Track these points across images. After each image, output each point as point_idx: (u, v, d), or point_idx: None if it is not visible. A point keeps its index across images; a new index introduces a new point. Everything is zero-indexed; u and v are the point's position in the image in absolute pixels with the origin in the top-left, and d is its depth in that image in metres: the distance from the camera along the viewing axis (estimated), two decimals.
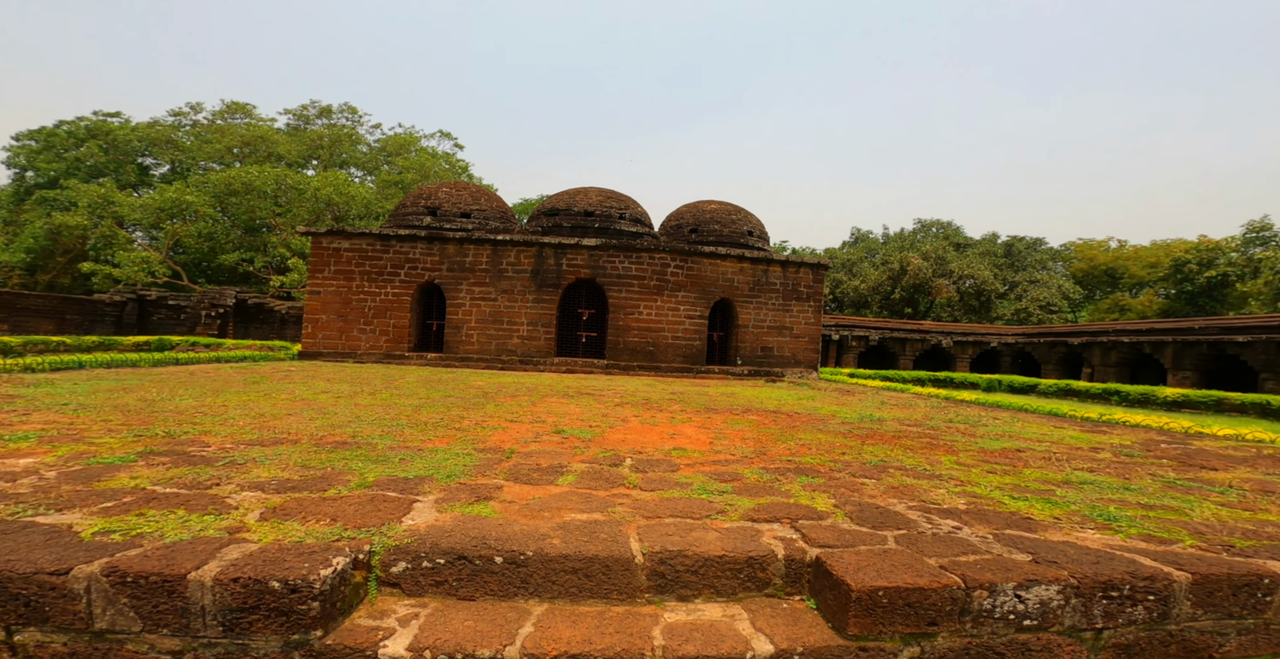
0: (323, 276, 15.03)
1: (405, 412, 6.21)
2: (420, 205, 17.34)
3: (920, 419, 7.74)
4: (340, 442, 4.39)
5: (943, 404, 10.29)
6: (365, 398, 7.25)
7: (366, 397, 7.42)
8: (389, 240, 15.34)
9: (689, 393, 10.39)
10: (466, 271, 15.58)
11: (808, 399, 10.04)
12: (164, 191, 30.44)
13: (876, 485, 3.78)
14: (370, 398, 7.27)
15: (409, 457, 3.96)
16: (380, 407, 6.51)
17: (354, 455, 3.92)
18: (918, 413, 8.49)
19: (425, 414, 6.14)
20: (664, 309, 16.03)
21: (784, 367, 16.75)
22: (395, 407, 6.57)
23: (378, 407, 6.50)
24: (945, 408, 9.54)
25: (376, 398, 7.31)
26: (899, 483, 3.85)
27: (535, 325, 15.68)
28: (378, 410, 6.16)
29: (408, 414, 6.04)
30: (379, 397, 7.46)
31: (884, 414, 8.12)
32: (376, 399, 7.18)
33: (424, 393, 8.22)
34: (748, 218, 19.19)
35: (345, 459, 3.80)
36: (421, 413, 6.22)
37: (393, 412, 6.14)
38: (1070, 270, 41.24)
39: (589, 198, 18.03)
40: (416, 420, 5.66)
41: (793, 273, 16.76)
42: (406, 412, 6.22)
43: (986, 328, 31.38)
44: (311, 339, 15.03)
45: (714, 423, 6.75)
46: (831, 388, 13.38)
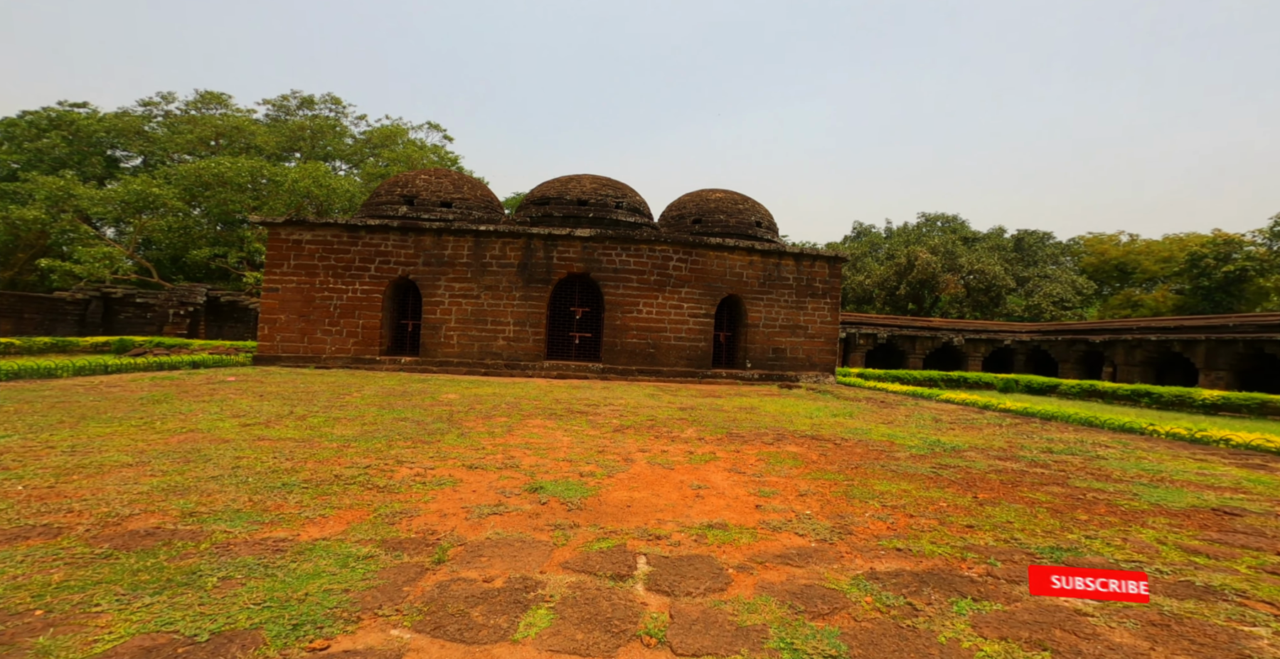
0: (281, 272, 13.30)
1: (322, 452, 4.54)
2: (395, 194, 15.62)
3: (1005, 447, 6.13)
4: (144, 530, 2.72)
5: (1011, 421, 8.61)
6: (284, 427, 5.58)
7: (289, 424, 5.75)
8: (357, 231, 13.63)
9: (700, 408, 8.76)
10: (445, 266, 13.88)
11: (844, 415, 8.43)
12: (128, 184, 28.55)
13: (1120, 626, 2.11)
14: (292, 426, 5.59)
15: (246, 569, 2.32)
16: (293, 443, 4.84)
17: (126, 571, 2.26)
18: (996, 438, 6.85)
19: (348, 456, 4.48)
20: (665, 307, 14.40)
21: (797, 370, 15.16)
22: (314, 443, 4.89)
23: (288, 443, 4.82)
24: (1019, 427, 7.88)
25: (300, 426, 5.63)
26: (1157, 615, 2.19)
27: (523, 325, 14.02)
28: (280, 452, 4.47)
29: (321, 458, 4.37)
30: (305, 423, 5.79)
31: (953, 439, 6.52)
32: (299, 429, 5.50)
33: (372, 416, 6.56)
34: (755, 207, 17.56)
35: (96, 584, 2.14)
36: (345, 454, 4.56)
37: (301, 454, 4.46)
38: (1080, 265, 39.84)
39: (582, 185, 16.36)
40: (324, 472, 3.98)
41: (807, 266, 15.15)
42: (325, 452, 4.55)
43: (999, 325, 29.91)
44: (268, 342, 13.31)
45: (747, 461, 5.13)
46: (859, 396, 11.79)
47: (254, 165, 30.38)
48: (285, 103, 39.83)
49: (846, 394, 12.00)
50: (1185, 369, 24.28)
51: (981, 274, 33.35)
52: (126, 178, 29.82)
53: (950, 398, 12.41)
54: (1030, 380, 24.27)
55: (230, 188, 30.65)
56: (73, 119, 33.31)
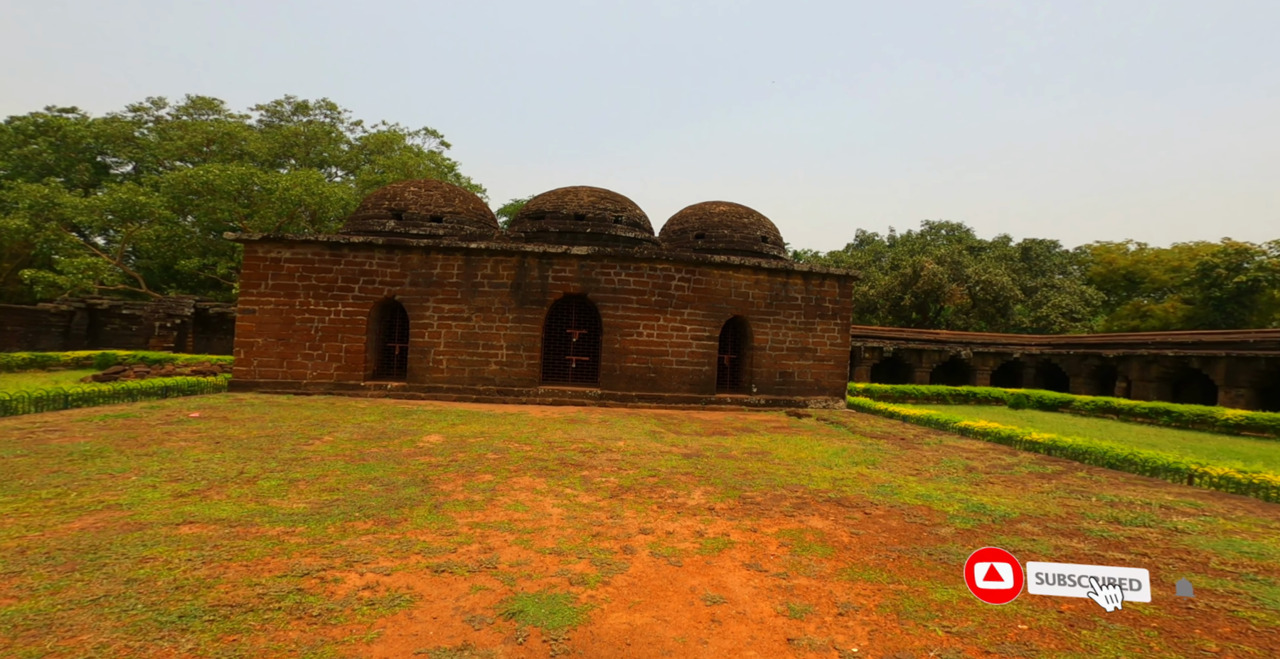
0: (258, 292, 12.51)
1: (255, 546, 3.66)
2: (383, 207, 14.86)
3: (1063, 515, 5.26)
4: None
5: (1053, 470, 7.62)
6: (225, 497, 4.71)
7: (233, 492, 4.93)
8: (340, 249, 12.85)
9: (706, 454, 7.97)
10: (434, 286, 13.11)
11: (865, 463, 7.64)
12: (114, 192, 27.79)
13: None
14: (234, 497, 4.72)
15: None
16: (224, 529, 3.99)
17: None
18: (1047, 500, 5.93)
19: (287, 552, 3.64)
20: (667, 329, 13.63)
21: (806, 394, 14.38)
22: (250, 527, 4.05)
23: (217, 530, 3.97)
24: (1064, 480, 6.92)
25: (244, 497, 4.76)
26: None
27: (516, 349, 13.24)
28: (202, 546, 3.60)
29: (251, 558, 3.51)
30: (253, 490, 4.95)
31: (997, 502, 5.70)
32: (240, 502, 4.63)
33: (337, 474, 5.76)
34: (761, 221, 16.83)
35: None
36: (284, 549, 3.72)
37: (228, 549, 3.59)
38: (1088, 274, 39.11)
39: (580, 199, 15.62)
40: (246, 586, 3.11)
41: (816, 285, 14.39)
42: (259, 546, 3.67)
43: (1008, 337, 29.17)
44: (244, 367, 12.52)
45: (767, 549, 4.35)
46: (875, 428, 10.98)
47: (244, 172, 29.62)
48: (279, 108, 39.14)
49: (862, 427, 11.21)
50: (1203, 385, 23.54)
51: (988, 284, 32.61)
52: (113, 186, 29.09)
53: (970, 427, 11.64)
54: (1042, 396, 23.53)
55: (219, 196, 29.90)
56: (59, 125, 32.56)
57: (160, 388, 12.22)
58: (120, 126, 34.50)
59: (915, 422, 13.10)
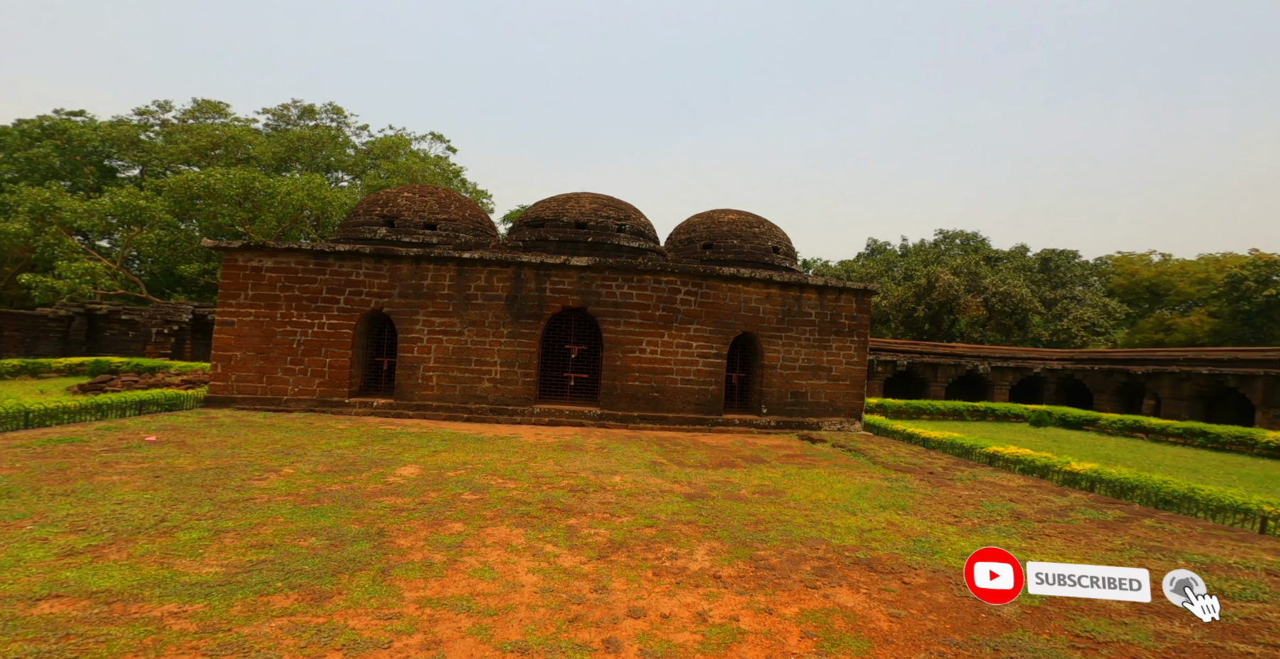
0: (237, 303, 11.80)
1: (120, 648, 2.88)
2: (374, 213, 14.17)
3: (1154, 585, 4.26)
4: None
5: (1116, 515, 6.47)
6: (123, 557, 3.86)
7: (138, 549, 4.12)
8: (325, 258, 12.13)
9: (713, 495, 7.09)
10: (424, 298, 12.36)
11: (894, 507, 6.73)
12: (114, 195, 27.41)
13: None
14: (134, 558, 3.85)
15: None
16: (86, 613, 3.13)
17: None
18: (1126, 564, 4.93)
19: None
20: (672, 346, 12.79)
21: (819, 415, 13.47)
22: (124, 611, 3.17)
23: (79, 615, 3.10)
24: (1130, 528, 5.89)
25: (144, 559, 3.87)
26: None
27: (511, 366, 12.44)
28: (39, 648, 2.83)
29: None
30: (162, 547, 4.11)
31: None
32: (134, 565, 3.75)
33: (278, 524, 4.95)
34: (772, 231, 16.00)
35: None
36: (141, 654, 2.93)
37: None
38: (1108, 286, 37.88)
39: (581, 206, 14.86)
40: None
41: (831, 300, 13.50)
42: (124, 647, 2.89)
43: (1028, 351, 28.07)
44: (221, 382, 11.79)
45: (786, 643, 3.48)
46: (899, 458, 10.04)
47: (245, 176, 29.17)
48: (286, 112, 38.85)
49: (883, 456, 10.28)
50: (1237, 403, 22.36)
51: (1006, 296, 31.52)
52: (112, 189, 28.71)
53: (1000, 453, 10.71)
54: (1065, 413, 22.45)
55: (221, 200, 29.48)
56: (65, 128, 32.33)
57: (135, 402, 11.52)
58: (126, 130, 34.27)
59: (939, 448, 12.17)
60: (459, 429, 11.18)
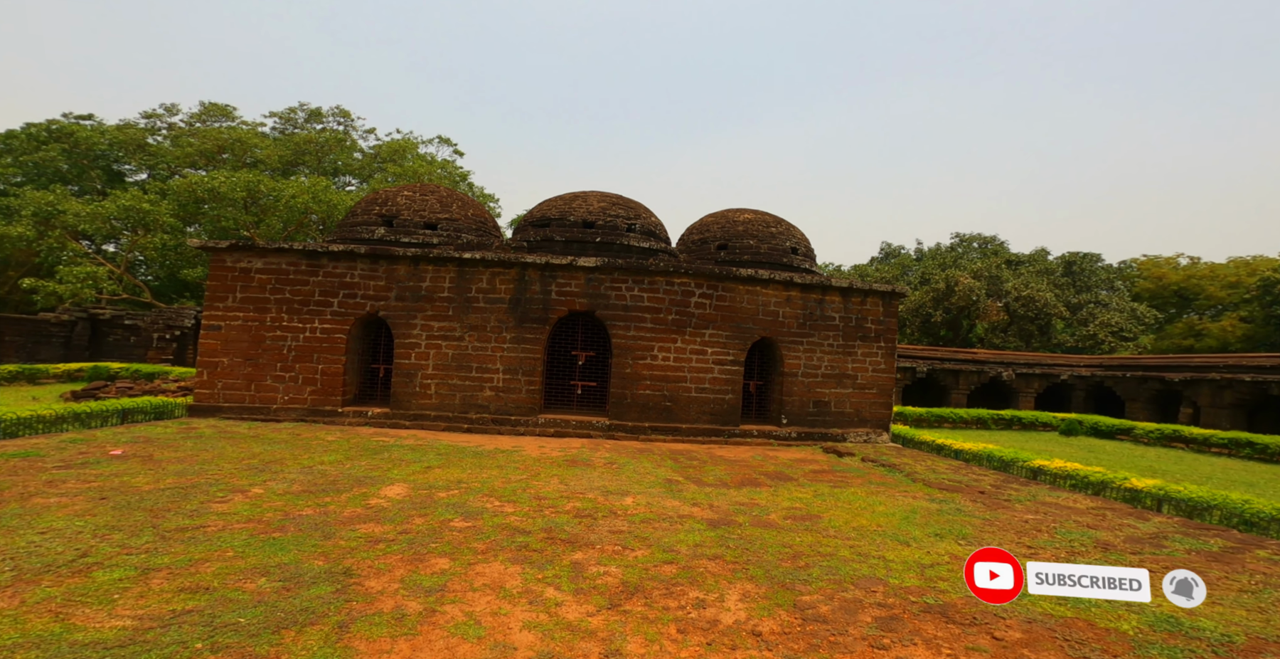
0: (225, 306, 11.14)
1: None
2: (372, 213, 13.50)
3: None
4: None
5: (1221, 545, 5.11)
6: (12, 604, 3.00)
7: (37, 595, 3.32)
8: (318, 258, 11.44)
9: (739, 520, 6.24)
10: (422, 301, 11.64)
11: (952, 535, 5.84)
12: (116, 199, 27.05)
13: None
14: (22, 610, 3.06)
15: None
16: None
17: None
18: (1275, 612, 3.98)
19: None
20: (685, 352, 11.98)
21: (844, 426, 12.59)
22: None
23: None
24: (1246, 561, 4.79)
25: (37, 610, 3.10)
26: None
27: (514, 373, 11.68)
28: None
29: None
30: (69, 591, 3.27)
31: (1203, 617, 3.91)
32: (19, 621, 2.97)
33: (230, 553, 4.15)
34: (790, 231, 15.17)
35: None
36: None
37: None
38: (1135, 290, 36.62)
39: (589, 205, 14.12)
40: None
41: (857, 303, 12.64)
42: None
43: (1054, 358, 26.96)
44: (207, 390, 11.11)
45: None
46: (939, 475, 9.11)
47: (250, 179, 28.75)
48: (292, 115, 38.55)
49: (920, 472, 9.38)
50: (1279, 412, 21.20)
51: (1029, 301, 30.40)
52: (116, 192, 28.38)
53: (1046, 468, 9.81)
54: (1097, 422, 21.39)
55: (225, 203, 29.08)
56: (72, 131, 32.13)
57: (118, 411, 10.88)
58: (133, 133, 34.05)
59: (975, 461, 11.27)
60: (458, 441, 10.42)
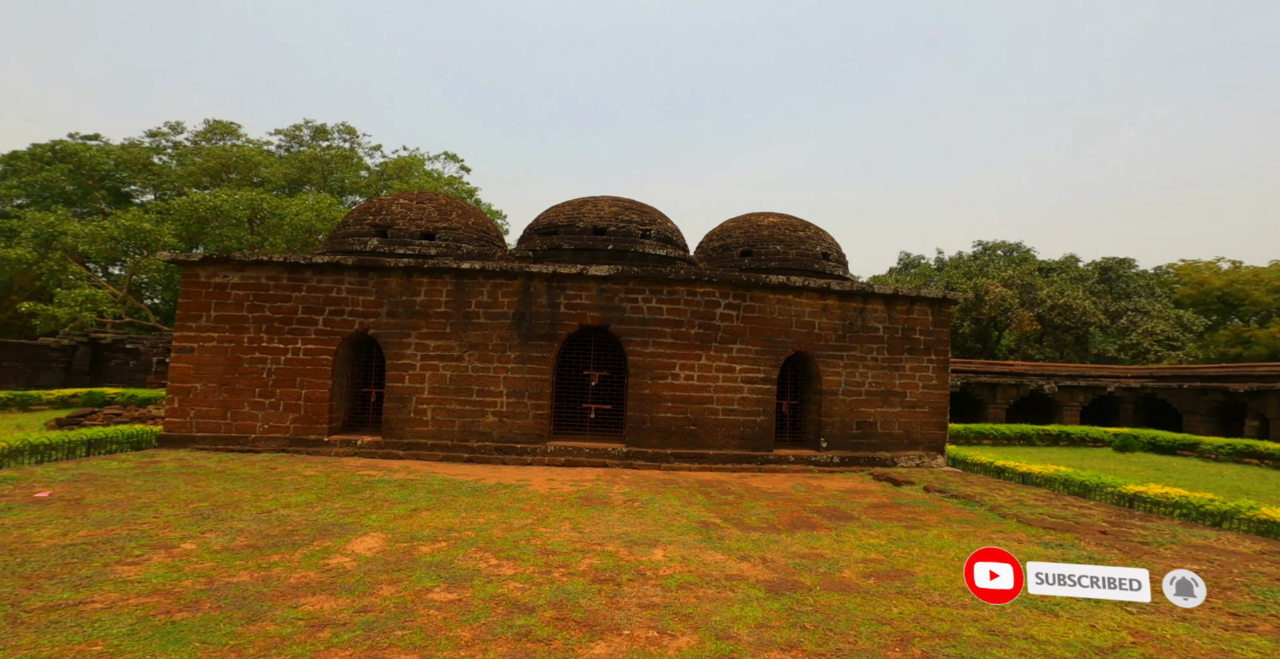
0: (198, 326, 10.03)
1: None
2: (365, 223, 12.45)
3: None
4: None
5: None
6: None
7: None
8: (300, 271, 10.33)
9: (804, 580, 4.83)
10: (416, 317, 10.46)
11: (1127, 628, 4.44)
12: (117, 219, 26.46)
13: None
14: None
15: None
16: None
17: None
18: None
19: None
20: (711, 369, 10.67)
21: (892, 449, 11.15)
22: None
23: None
24: None
25: None
26: None
27: (520, 396, 10.42)
28: None
29: None
30: None
31: None
32: None
33: (103, 647, 2.92)
34: (820, 235, 13.91)
35: None
36: None
37: None
38: (1175, 297, 34.79)
39: (599, 210, 12.98)
40: None
41: (902, 312, 11.29)
42: None
43: (1099, 369, 25.26)
44: (178, 419, 9.96)
45: None
46: (1031, 508, 7.63)
47: (254, 198, 28.12)
48: (298, 132, 38.18)
49: (1003, 504, 7.90)
50: None
51: (1066, 309, 28.75)
52: (116, 213, 27.84)
53: (1144, 493, 8.38)
54: (1155, 437, 19.70)
55: (228, 222, 28.45)
56: (75, 151, 31.83)
57: (84, 441, 9.79)
58: (137, 152, 33.74)
59: (1048, 485, 9.84)
60: (456, 473, 9.15)
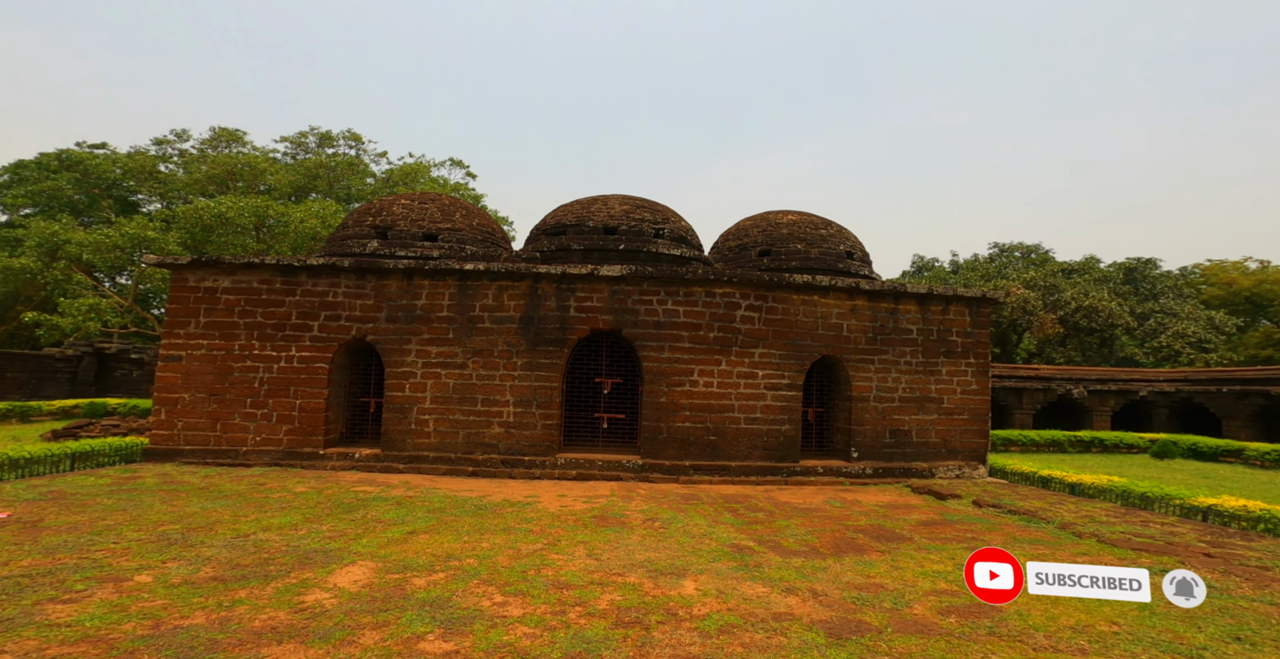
0: (186, 333, 9.45)
1: None
2: (365, 225, 11.87)
3: None
4: None
5: None
6: None
7: None
8: (294, 274, 9.74)
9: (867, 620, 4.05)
10: (417, 322, 9.83)
11: (1258, 638, 3.67)
12: (121, 227, 26.17)
13: None
14: None
15: None
16: None
17: None
18: None
19: None
20: (731, 375, 9.95)
21: (929, 459, 10.36)
22: None
23: None
24: None
25: None
26: None
27: (527, 405, 9.74)
28: None
29: None
30: None
31: None
32: None
33: None
34: (843, 233, 13.20)
35: None
36: None
37: None
38: (1203, 297, 33.67)
39: (610, 208, 12.34)
40: None
41: (937, 313, 10.53)
42: None
43: (1130, 372, 24.27)
44: (165, 431, 9.35)
45: None
46: (1107, 526, 6.81)
47: (259, 204, 27.80)
48: (303, 140, 37.97)
49: (1072, 520, 7.09)
50: None
51: (1092, 311, 27.76)
52: (120, 221, 27.57)
53: (1220, 507, 7.64)
54: (1196, 443, 18.69)
55: (233, 230, 28.10)
56: (79, 158, 31.68)
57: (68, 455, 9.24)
58: (143, 160, 33.58)
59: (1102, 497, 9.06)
60: (459, 489, 8.47)
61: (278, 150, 38.32)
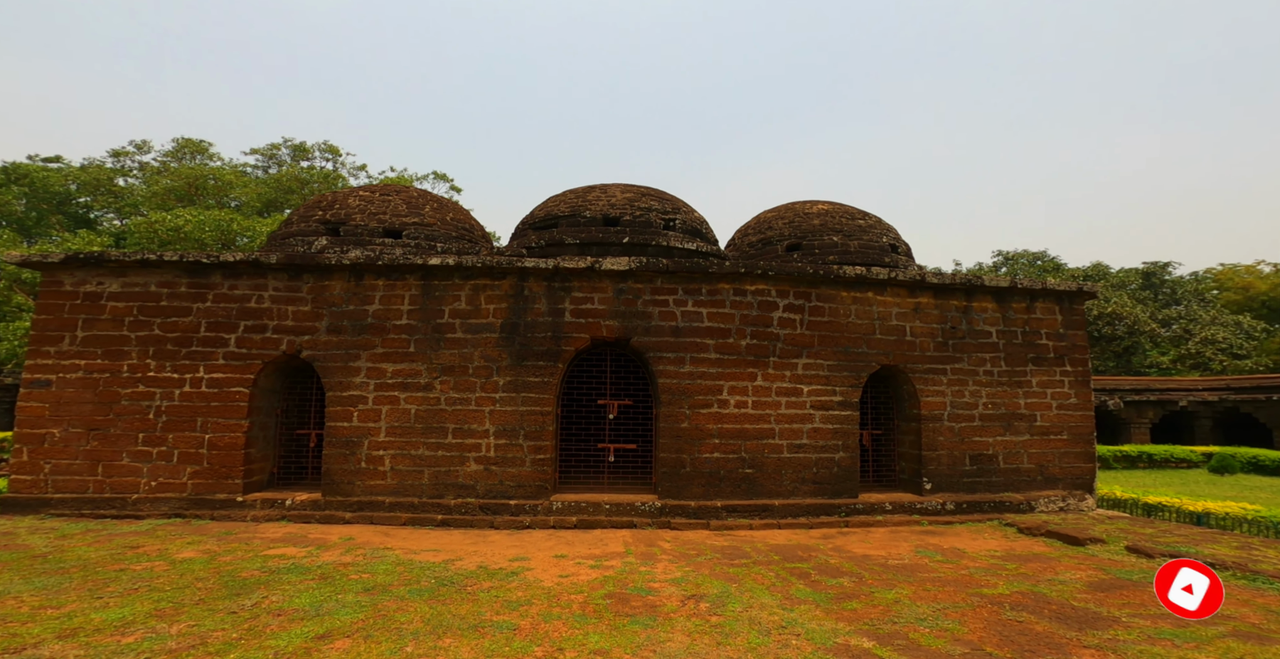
0: (58, 351, 7.23)
1: None
2: (313, 219, 9.75)
3: None
4: None
5: None
6: None
7: None
8: (205, 274, 7.57)
9: None
10: (368, 332, 7.68)
11: None
12: (65, 243, 23.81)
13: None
14: None
15: None
16: None
17: None
18: None
19: None
20: (770, 392, 7.87)
21: (1023, 490, 8.28)
22: None
23: None
24: None
25: None
26: None
27: (513, 436, 7.57)
28: None
29: None
30: None
31: None
32: None
33: None
34: (882, 225, 11.30)
35: None
36: None
37: None
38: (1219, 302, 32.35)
39: (610, 197, 10.36)
40: None
41: (1020, 311, 8.56)
42: None
43: (1167, 381, 22.53)
44: (28, 476, 7.05)
45: None
46: None
47: (221, 218, 25.58)
48: (275, 151, 35.86)
49: None
50: None
51: (1115, 318, 26.13)
52: (64, 235, 25.24)
53: None
54: (1256, 456, 16.94)
55: (192, 244, 25.78)
56: (26, 171, 29.33)
57: None
58: (98, 173, 31.25)
59: (1238, 527, 7.05)
60: (420, 547, 6.25)
61: (248, 163, 36.19)
